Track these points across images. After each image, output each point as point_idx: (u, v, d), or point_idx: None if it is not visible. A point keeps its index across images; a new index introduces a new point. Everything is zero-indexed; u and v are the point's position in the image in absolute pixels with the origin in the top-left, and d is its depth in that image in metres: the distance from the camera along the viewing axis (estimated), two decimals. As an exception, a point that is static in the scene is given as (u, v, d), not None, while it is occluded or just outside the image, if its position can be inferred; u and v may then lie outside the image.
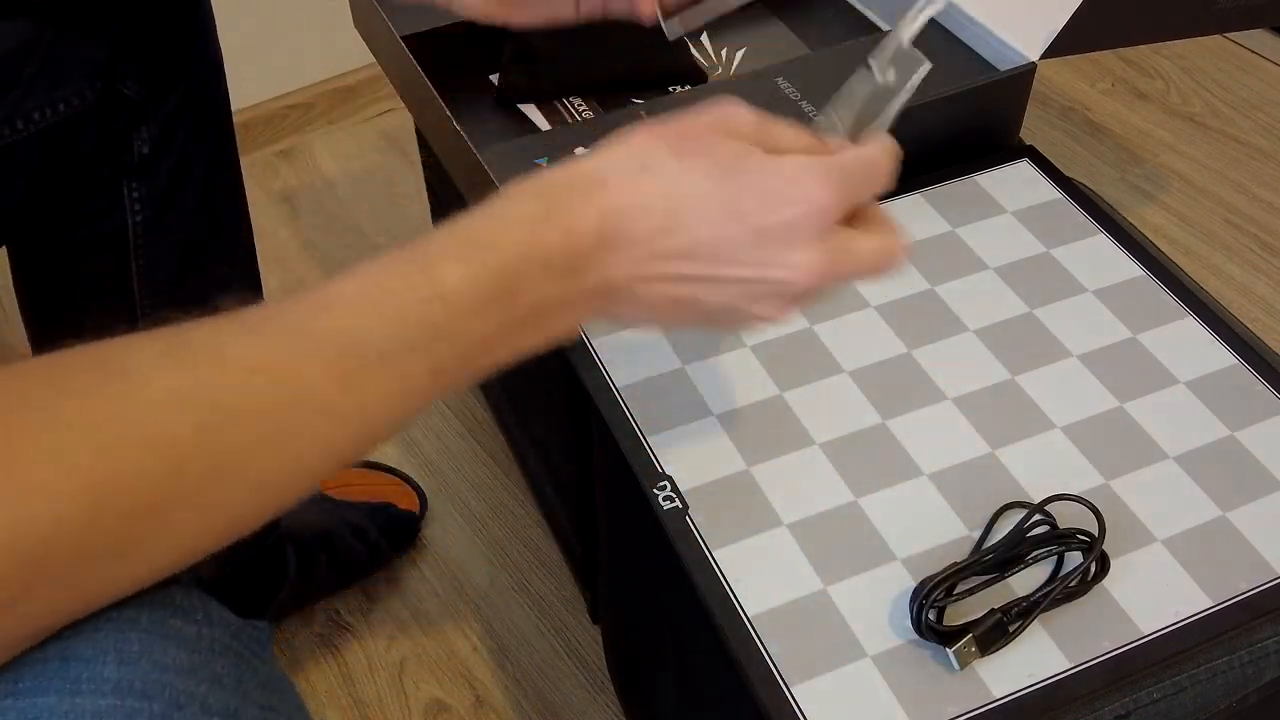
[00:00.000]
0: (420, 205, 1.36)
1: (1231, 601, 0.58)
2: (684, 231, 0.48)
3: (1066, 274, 0.75)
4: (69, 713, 0.42)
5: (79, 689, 0.43)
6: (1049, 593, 0.57)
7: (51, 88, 0.66)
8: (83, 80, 0.67)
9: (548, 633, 1.01)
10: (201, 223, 0.78)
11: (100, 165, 0.72)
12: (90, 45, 0.67)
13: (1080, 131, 1.45)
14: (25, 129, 0.66)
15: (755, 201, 0.48)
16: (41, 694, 0.42)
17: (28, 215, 0.72)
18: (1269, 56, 1.55)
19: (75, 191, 0.72)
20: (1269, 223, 1.33)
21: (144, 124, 0.72)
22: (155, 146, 0.73)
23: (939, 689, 0.55)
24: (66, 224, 0.74)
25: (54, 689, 0.43)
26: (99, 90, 0.68)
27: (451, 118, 0.77)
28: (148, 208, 0.74)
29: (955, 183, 0.81)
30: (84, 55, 0.67)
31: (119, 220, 0.74)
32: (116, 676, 0.43)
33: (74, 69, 0.67)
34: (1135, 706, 0.56)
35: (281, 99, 1.47)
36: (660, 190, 0.48)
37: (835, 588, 0.59)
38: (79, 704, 0.42)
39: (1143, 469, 0.64)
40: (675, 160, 0.48)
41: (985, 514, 0.62)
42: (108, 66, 0.68)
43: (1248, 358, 0.69)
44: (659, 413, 0.67)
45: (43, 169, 0.69)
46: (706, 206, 0.48)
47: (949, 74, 0.83)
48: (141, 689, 0.44)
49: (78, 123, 0.68)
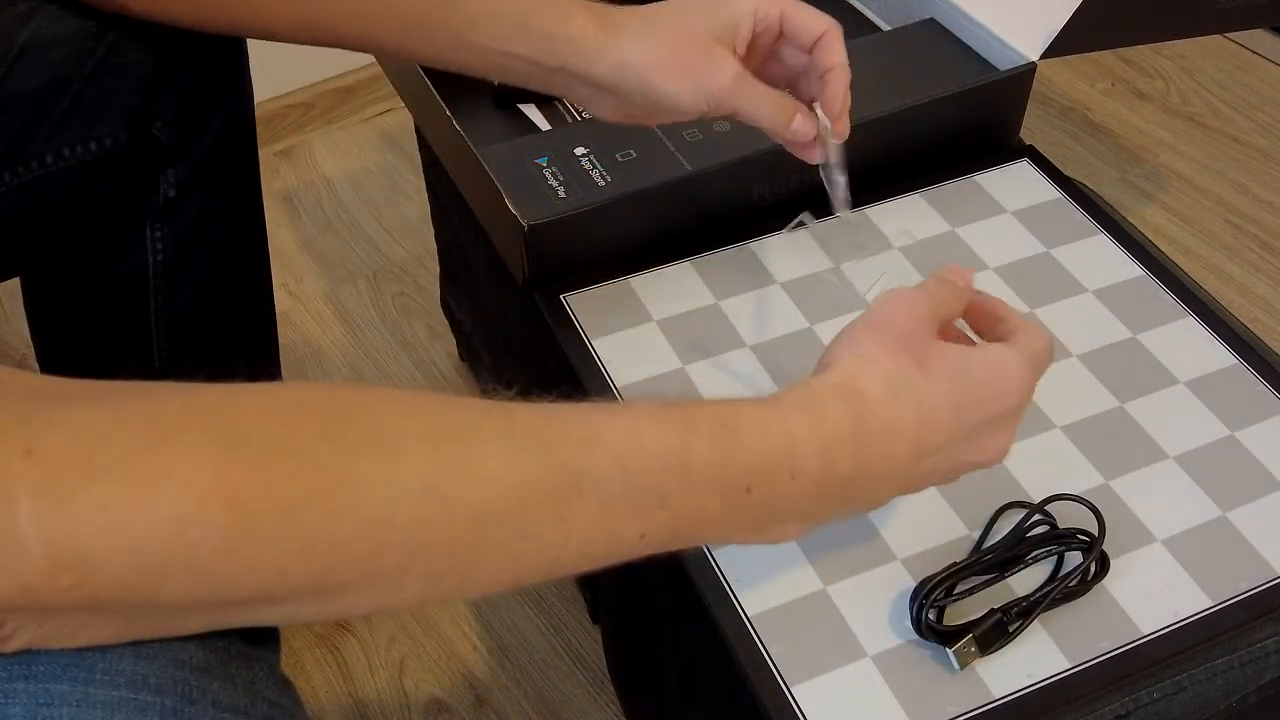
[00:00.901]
0: (420, 205, 1.36)
1: (1231, 601, 0.58)
2: (928, 448, 0.50)
3: (1066, 274, 0.75)
4: (81, 701, 0.42)
5: (93, 679, 0.43)
6: (1049, 593, 0.57)
7: (84, 126, 0.66)
8: (116, 120, 0.67)
9: (548, 632, 1.01)
10: (222, 263, 0.78)
11: (125, 206, 0.71)
12: (125, 88, 0.66)
13: (1080, 131, 1.45)
14: (55, 164, 0.65)
15: (978, 405, 0.51)
16: (55, 680, 0.43)
17: (49, 250, 0.72)
18: (1269, 56, 1.55)
19: (98, 230, 0.72)
20: (1269, 223, 1.33)
21: (171, 166, 0.71)
22: (181, 190, 0.72)
23: (939, 689, 0.55)
24: (86, 261, 0.73)
25: (68, 677, 0.43)
26: (130, 132, 0.68)
27: (451, 118, 0.77)
28: (169, 248, 0.74)
29: (955, 183, 0.81)
30: (118, 98, 0.66)
31: (139, 259, 0.73)
32: (132, 670, 0.44)
33: (107, 109, 0.66)
34: (1135, 706, 0.56)
35: (281, 99, 1.47)
36: (912, 414, 0.50)
37: (835, 588, 0.59)
38: (91, 694, 0.43)
39: (1143, 469, 0.64)
40: (922, 378, 0.50)
41: (985, 514, 0.62)
42: (140, 108, 0.67)
43: (1248, 358, 0.69)
44: (659, 412, 0.67)
45: (68, 206, 0.68)
46: (946, 421, 0.50)
47: (949, 74, 0.83)
48: (155, 684, 0.44)
49: (106, 163, 0.68)
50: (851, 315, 0.72)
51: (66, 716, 0.42)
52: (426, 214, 1.13)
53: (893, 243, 0.77)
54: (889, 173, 0.81)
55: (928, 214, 0.79)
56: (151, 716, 0.43)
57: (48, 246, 0.71)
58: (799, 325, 0.72)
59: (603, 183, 0.76)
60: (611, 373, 0.69)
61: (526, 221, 0.71)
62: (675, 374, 0.69)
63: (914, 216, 0.79)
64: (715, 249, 0.77)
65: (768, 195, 0.78)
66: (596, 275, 0.75)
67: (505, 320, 0.96)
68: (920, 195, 0.80)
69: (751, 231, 0.78)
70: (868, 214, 0.79)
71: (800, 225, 0.65)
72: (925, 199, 0.80)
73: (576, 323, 0.72)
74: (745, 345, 0.71)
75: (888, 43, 0.88)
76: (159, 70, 0.67)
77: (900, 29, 0.89)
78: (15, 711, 0.42)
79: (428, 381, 1.21)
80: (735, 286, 0.75)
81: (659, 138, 0.79)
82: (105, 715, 0.43)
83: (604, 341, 0.71)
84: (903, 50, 0.87)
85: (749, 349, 0.71)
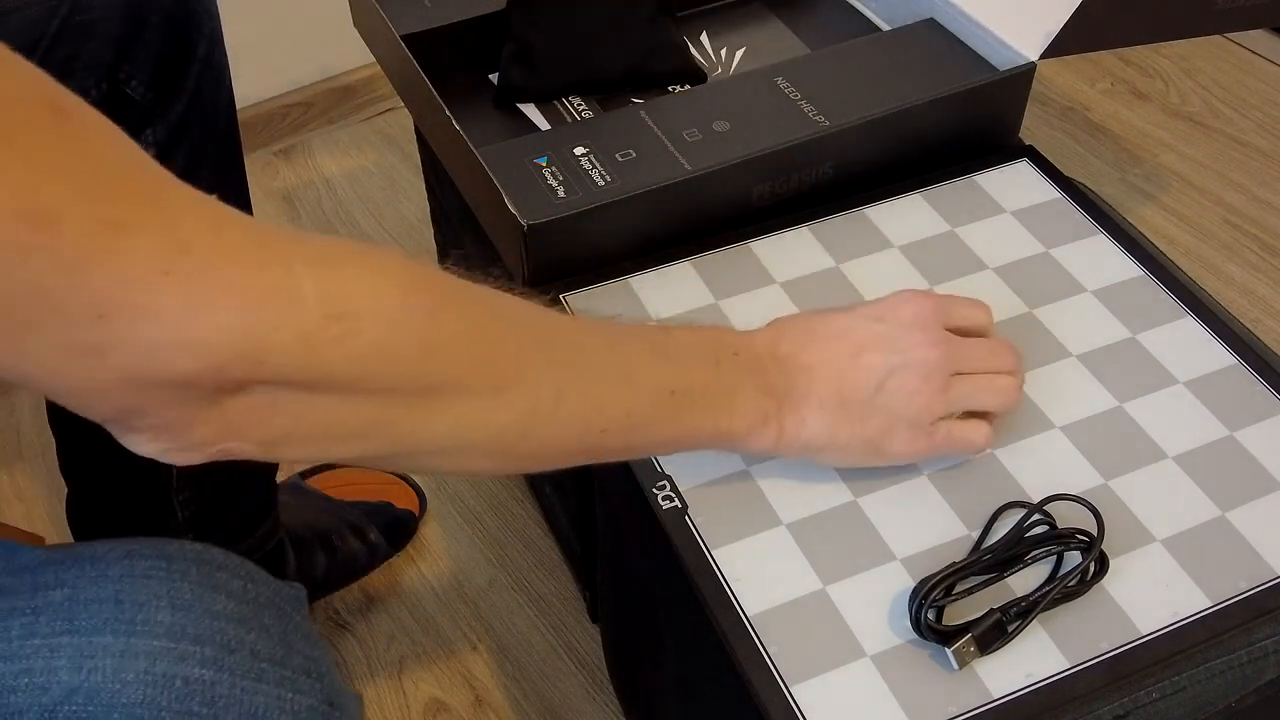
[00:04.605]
0: (420, 205, 1.36)
1: (1230, 601, 0.58)
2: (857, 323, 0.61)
3: (1066, 274, 0.75)
4: (124, 652, 0.44)
5: (134, 629, 0.45)
6: (1048, 593, 0.57)
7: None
8: (87, 78, 0.67)
9: (547, 632, 1.01)
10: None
11: None
12: (95, 45, 0.67)
13: (1080, 131, 1.45)
14: None
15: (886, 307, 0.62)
16: (98, 633, 0.44)
17: None
18: (1269, 56, 1.55)
19: None
20: (1269, 223, 1.33)
21: (149, 126, 0.72)
22: (162, 150, 0.73)
23: (938, 689, 0.55)
24: None
25: (109, 629, 0.45)
26: (104, 90, 0.68)
27: (451, 117, 0.77)
28: None
29: (955, 183, 0.81)
30: (88, 55, 0.67)
31: None
32: (170, 620, 0.45)
33: (79, 68, 0.67)
34: (1134, 706, 0.56)
35: (281, 98, 1.47)
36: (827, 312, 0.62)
37: (835, 587, 0.59)
38: (134, 644, 0.44)
39: (1142, 469, 0.64)
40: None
41: (984, 514, 0.62)
42: (114, 66, 0.68)
43: (1247, 358, 0.69)
44: (658, 412, 0.67)
45: None
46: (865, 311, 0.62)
47: (949, 74, 0.83)
48: (194, 634, 0.46)
49: None
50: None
51: (110, 667, 0.44)
52: (426, 214, 1.13)
53: (893, 242, 0.77)
54: (889, 173, 0.81)
55: (927, 214, 0.79)
56: (192, 665, 0.45)
57: None
58: (798, 325, 0.72)
59: (602, 183, 0.76)
60: (611, 372, 0.69)
61: (526, 221, 0.71)
62: (675, 374, 0.69)
63: (914, 216, 0.79)
64: (715, 249, 0.77)
65: (768, 195, 0.78)
66: (596, 275, 0.75)
67: (505, 320, 0.96)
68: (920, 195, 0.80)
69: (751, 231, 0.78)
70: (868, 214, 0.79)
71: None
72: (925, 199, 0.80)
73: (576, 322, 0.72)
74: (745, 345, 0.71)
75: (888, 43, 0.88)
76: (127, 29, 0.68)
77: (900, 29, 0.90)
78: (61, 664, 0.44)
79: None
80: (735, 286, 0.75)
81: (659, 137, 0.79)
82: (148, 664, 0.44)
83: (603, 341, 0.71)
84: (903, 50, 0.87)
85: (748, 349, 0.71)
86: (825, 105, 0.81)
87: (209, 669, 0.45)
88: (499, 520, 1.10)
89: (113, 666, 0.44)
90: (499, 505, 1.11)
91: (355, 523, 1.04)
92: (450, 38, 0.90)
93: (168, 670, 0.44)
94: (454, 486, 1.12)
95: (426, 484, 1.11)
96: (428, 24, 0.90)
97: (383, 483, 1.10)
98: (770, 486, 0.63)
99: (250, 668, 0.47)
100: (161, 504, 0.85)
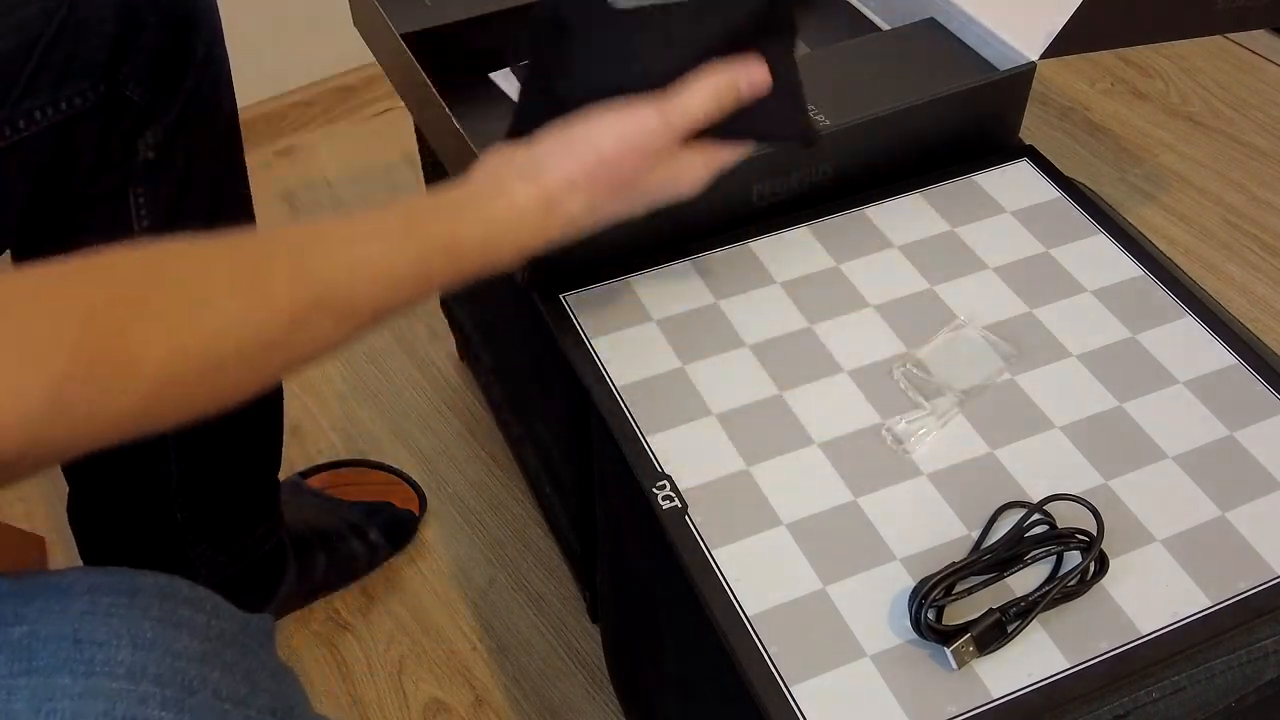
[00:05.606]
0: (420, 204, 1.36)
1: (1230, 601, 0.58)
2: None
3: (1066, 274, 0.75)
4: (83, 694, 0.43)
5: (93, 670, 0.44)
6: (1048, 592, 0.57)
7: (53, 87, 0.66)
8: (84, 79, 0.67)
9: (547, 632, 1.01)
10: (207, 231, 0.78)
11: (105, 170, 0.71)
12: (91, 45, 0.67)
13: (1080, 131, 1.45)
14: (27, 128, 0.66)
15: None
16: (56, 674, 0.43)
17: (33, 220, 0.72)
18: (1269, 56, 1.55)
19: (80, 197, 0.72)
20: (1269, 223, 1.33)
21: (148, 128, 0.72)
22: (160, 152, 0.72)
23: (938, 688, 0.55)
24: (72, 230, 0.73)
25: (68, 670, 0.43)
26: (101, 92, 0.68)
27: (451, 117, 0.77)
28: (153, 215, 0.74)
29: (955, 183, 0.81)
30: (85, 55, 0.67)
31: (124, 227, 0.74)
32: (130, 660, 0.44)
33: (75, 68, 0.66)
34: (1134, 706, 0.56)
35: (281, 98, 1.47)
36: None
37: (834, 587, 0.59)
38: (93, 685, 0.43)
39: (1142, 469, 0.64)
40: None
41: (984, 514, 0.62)
42: (110, 67, 0.68)
43: (1247, 358, 0.69)
44: (658, 412, 0.67)
45: (47, 171, 0.68)
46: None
47: (949, 74, 0.83)
48: (155, 674, 0.45)
49: (81, 125, 0.68)
50: (851, 315, 0.73)
51: (70, 709, 0.42)
52: (426, 213, 1.13)
53: (893, 242, 0.77)
54: (889, 172, 0.81)
55: (927, 214, 0.79)
56: (153, 707, 0.44)
57: (32, 216, 0.71)
58: (798, 325, 0.72)
59: (602, 182, 0.76)
60: (611, 372, 0.69)
61: (526, 221, 0.71)
62: (675, 373, 0.69)
63: (914, 216, 0.79)
64: (715, 249, 0.77)
65: (768, 195, 0.78)
66: (596, 275, 0.75)
67: (505, 320, 0.96)
68: (920, 195, 0.80)
69: (751, 231, 0.78)
70: (868, 214, 0.79)
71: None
72: (925, 199, 0.80)
73: (576, 322, 0.72)
74: (745, 345, 0.71)
75: (888, 43, 0.88)
76: (123, 29, 0.68)
77: (900, 29, 0.90)
78: (19, 707, 0.42)
79: (427, 382, 1.21)
80: (735, 286, 0.75)
81: (659, 137, 0.79)
82: (107, 706, 0.43)
83: (603, 341, 0.71)
84: (903, 50, 0.87)
85: (749, 349, 0.71)
86: (825, 105, 0.81)
87: (170, 711, 0.44)
88: (499, 520, 1.10)
89: (72, 709, 0.42)
90: (499, 505, 1.11)
91: (355, 522, 1.04)
92: (450, 38, 0.90)
93: (127, 712, 0.43)
94: (454, 486, 1.12)
95: (427, 484, 1.11)
96: (428, 24, 0.90)
97: (383, 483, 1.10)
98: (770, 486, 0.63)
99: (213, 709, 0.46)
100: (161, 504, 0.85)
